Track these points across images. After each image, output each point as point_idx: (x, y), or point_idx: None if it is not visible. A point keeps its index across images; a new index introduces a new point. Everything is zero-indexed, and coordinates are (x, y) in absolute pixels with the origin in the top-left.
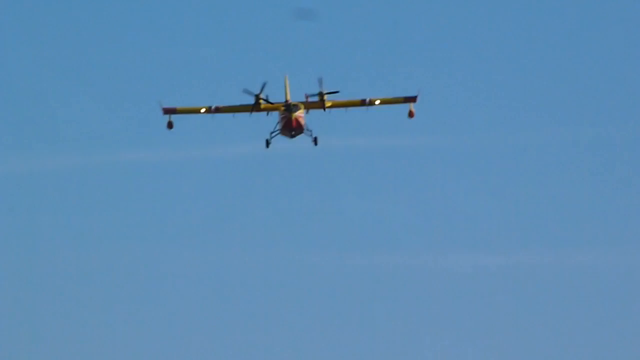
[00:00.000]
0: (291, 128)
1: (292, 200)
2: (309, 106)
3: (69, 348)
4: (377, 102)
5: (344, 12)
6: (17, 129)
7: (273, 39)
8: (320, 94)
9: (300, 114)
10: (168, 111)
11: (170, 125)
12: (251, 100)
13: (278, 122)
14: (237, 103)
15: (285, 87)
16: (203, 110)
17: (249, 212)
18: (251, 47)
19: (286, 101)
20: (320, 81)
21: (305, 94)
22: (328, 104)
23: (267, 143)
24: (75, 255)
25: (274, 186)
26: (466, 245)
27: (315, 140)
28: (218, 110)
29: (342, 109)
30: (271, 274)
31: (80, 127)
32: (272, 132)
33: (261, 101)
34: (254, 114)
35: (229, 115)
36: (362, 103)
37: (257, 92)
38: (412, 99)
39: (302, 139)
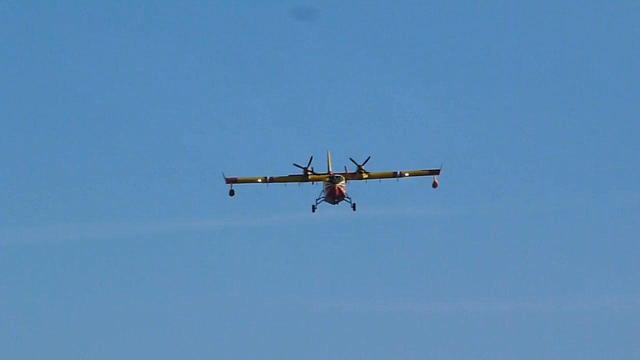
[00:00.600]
0: (334, 196)
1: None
2: (348, 177)
3: None
4: (407, 174)
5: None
6: (94, 197)
7: (316, 115)
8: (359, 168)
9: (342, 184)
10: (230, 181)
11: (232, 192)
12: (300, 172)
13: (323, 191)
14: (288, 174)
15: (328, 160)
16: (259, 180)
17: (303, 270)
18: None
19: (329, 173)
20: (367, 159)
21: (345, 168)
22: (365, 176)
23: (313, 208)
24: (148, 312)
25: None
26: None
27: (354, 207)
28: (272, 180)
29: (377, 180)
30: (332, 328)
31: (153, 197)
32: (317, 199)
33: (309, 173)
34: (303, 184)
35: (281, 184)
36: (394, 175)
37: (305, 165)
38: (436, 172)
39: (343, 205)
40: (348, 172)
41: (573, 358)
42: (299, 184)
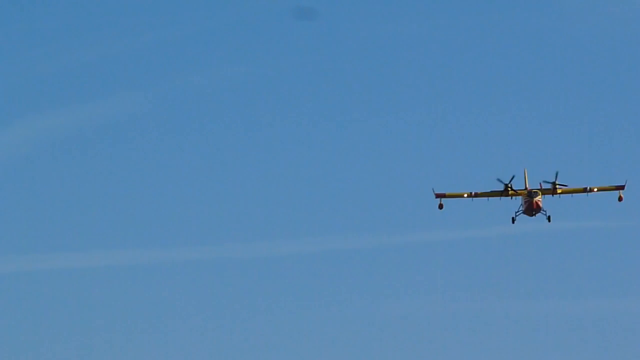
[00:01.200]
0: (532, 209)
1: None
2: (543, 192)
3: None
4: (595, 189)
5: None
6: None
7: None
8: (554, 184)
9: (539, 198)
10: (439, 195)
11: (441, 206)
12: (501, 188)
13: (521, 205)
14: (490, 189)
15: (524, 177)
16: (465, 195)
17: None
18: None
19: (527, 188)
20: (556, 174)
21: (540, 183)
22: (559, 191)
23: (513, 220)
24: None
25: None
26: None
27: (549, 218)
28: (476, 195)
29: (569, 195)
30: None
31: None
32: (516, 212)
33: (509, 189)
34: (503, 198)
35: (485, 198)
36: (584, 190)
37: (506, 182)
38: (621, 187)
39: (539, 217)
40: (543, 187)
41: None
42: (500, 199)
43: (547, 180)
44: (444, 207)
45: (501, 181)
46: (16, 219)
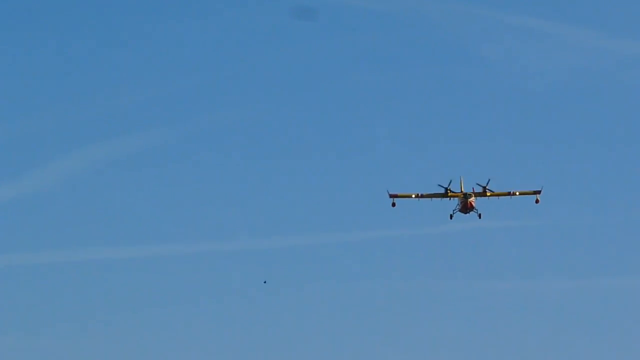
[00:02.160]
0: (466, 208)
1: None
2: (476, 195)
3: None
4: (517, 193)
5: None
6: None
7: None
8: (484, 188)
9: (472, 199)
10: (392, 196)
11: (393, 204)
12: (442, 191)
13: (458, 204)
14: (434, 192)
15: (460, 183)
16: (413, 196)
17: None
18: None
19: (462, 191)
20: (487, 181)
21: (473, 187)
22: (488, 194)
23: (451, 216)
24: None
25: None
26: None
27: (479, 216)
28: (422, 196)
29: (496, 197)
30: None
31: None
32: (453, 210)
33: (449, 192)
34: (443, 199)
35: (429, 199)
36: (508, 194)
37: (446, 186)
38: (538, 192)
39: (472, 215)
40: (475, 191)
41: None
42: (441, 200)
43: (480, 184)
44: (396, 205)
45: (442, 186)
46: None
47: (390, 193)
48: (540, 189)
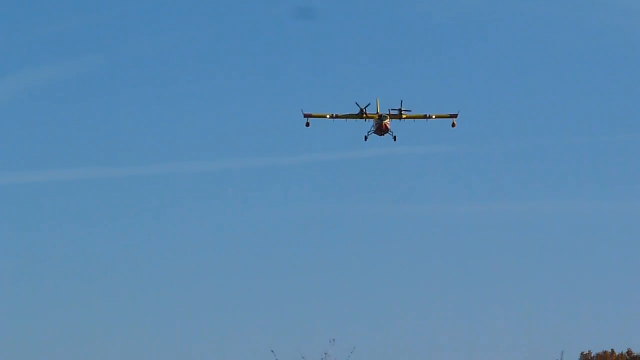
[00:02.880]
0: (382, 130)
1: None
2: (391, 117)
3: None
4: (434, 116)
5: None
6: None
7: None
8: (400, 110)
9: (387, 121)
10: (307, 115)
11: (307, 124)
12: (357, 111)
13: (373, 126)
14: (349, 112)
15: (377, 104)
16: (328, 116)
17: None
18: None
19: (378, 113)
20: (401, 102)
21: (389, 109)
22: (404, 116)
23: (365, 138)
24: None
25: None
26: None
27: (394, 138)
28: (337, 116)
29: (412, 120)
30: None
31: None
32: (368, 131)
33: (364, 113)
34: (358, 120)
35: (344, 120)
36: (424, 116)
37: (362, 106)
38: (455, 115)
39: (387, 137)
40: (391, 113)
41: None
42: (356, 120)
43: (395, 107)
44: (310, 125)
45: (358, 105)
46: None
47: (305, 112)
48: (457, 113)
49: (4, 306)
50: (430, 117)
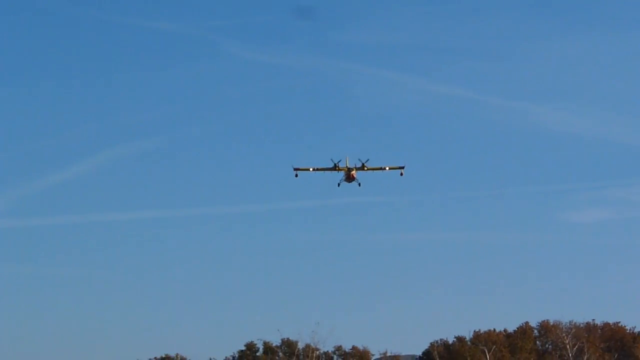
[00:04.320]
0: (350, 178)
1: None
2: (357, 169)
3: None
4: (387, 168)
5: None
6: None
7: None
8: (363, 165)
9: (354, 172)
10: (296, 169)
11: (296, 175)
12: (332, 165)
13: (343, 175)
14: (326, 166)
15: (346, 160)
16: (311, 169)
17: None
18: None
19: (347, 166)
20: (366, 160)
21: (355, 164)
22: (365, 168)
23: (338, 184)
24: None
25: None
26: None
27: (359, 184)
28: (317, 169)
29: (372, 171)
30: None
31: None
32: (340, 179)
33: (337, 167)
34: (333, 172)
35: (322, 172)
36: (381, 168)
37: (336, 162)
38: (402, 167)
39: (354, 184)
40: (357, 167)
41: None
42: (331, 172)
43: (361, 160)
44: (298, 176)
45: (333, 161)
46: None
47: (295, 167)
48: (404, 166)
49: None
50: (384, 168)
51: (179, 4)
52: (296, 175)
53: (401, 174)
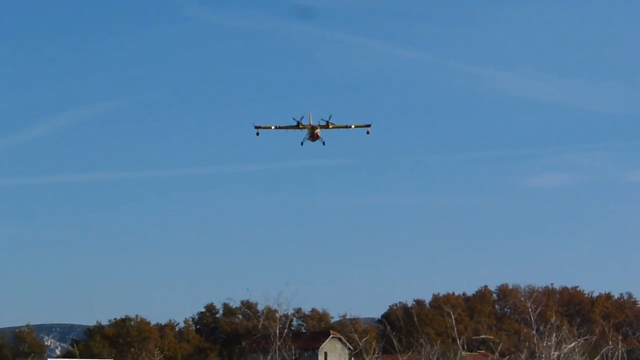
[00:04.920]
0: (314, 137)
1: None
2: (321, 127)
3: None
4: (353, 126)
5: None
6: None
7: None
8: (327, 122)
9: (318, 131)
10: (258, 127)
11: (257, 134)
12: (295, 123)
13: (307, 134)
14: (288, 124)
15: (309, 117)
16: (273, 127)
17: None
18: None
19: (311, 124)
20: (329, 116)
21: (319, 121)
22: (330, 126)
23: (302, 143)
24: None
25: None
26: None
27: (323, 143)
28: (279, 127)
29: (337, 129)
30: None
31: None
32: (304, 138)
33: (300, 124)
34: (296, 130)
35: (284, 130)
36: (346, 126)
37: (298, 119)
38: (369, 125)
39: (318, 142)
40: (320, 124)
41: None
42: (294, 130)
43: (324, 119)
44: (260, 134)
45: (295, 119)
46: None
47: (255, 125)
48: (370, 123)
49: None
50: (350, 126)
51: None
52: (257, 134)
53: (367, 132)
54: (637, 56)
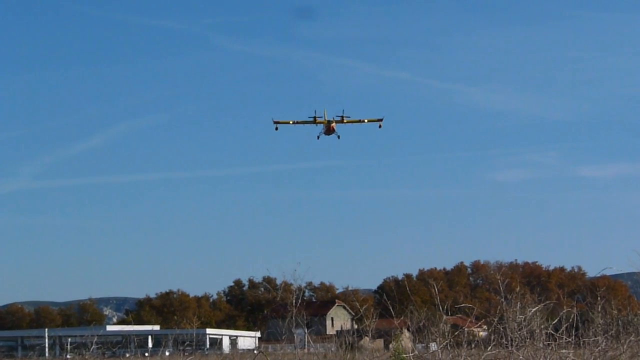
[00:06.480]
0: (329, 131)
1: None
2: (337, 122)
3: None
4: (366, 120)
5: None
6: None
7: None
8: (342, 117)
9: (334, 124)
10: (276, 122)
11: (276, 128)
12: (311, 119)
13: (323, 128)
14: (306, 119)
15: (324, 113)
16: (291, 122)
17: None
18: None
19: (326, 119)
20: (342, 111)
21: (334, 117)
22: (345, 121)
23: (318, 137)
24: None
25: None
26: None
27: (338, 137)
28: (297, 122)
29: (351, 124)
30: None
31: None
32: (320, 132)
33: (316, 120)
34: (313, 125)
35: (302, 125)
36: (360, 121)
37: (314, 115)
38: (381, 120)
39: (333, 136)
40: (335, 119)
41: None
42: (311, 125)
43: (338, 114)
44: (279, 129)
45: (313, 116)
46: None
47: (274, 120)
48: (382, 118)
49: None
50: (363, 121)
51: (177, 5)
52: (276, 129)
53: (380, 126)
54: (578, 73)
